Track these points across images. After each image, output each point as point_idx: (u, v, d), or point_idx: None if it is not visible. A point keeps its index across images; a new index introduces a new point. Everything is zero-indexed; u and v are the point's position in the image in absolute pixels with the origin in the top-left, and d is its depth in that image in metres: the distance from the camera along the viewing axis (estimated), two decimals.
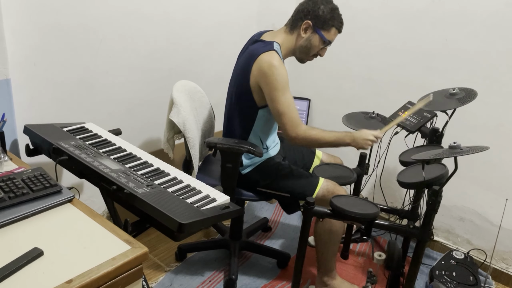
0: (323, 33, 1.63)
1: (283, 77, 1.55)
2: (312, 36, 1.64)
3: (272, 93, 1.56)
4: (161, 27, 1.97)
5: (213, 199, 1.18)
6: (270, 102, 1.59)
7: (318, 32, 1.63)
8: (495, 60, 1.90)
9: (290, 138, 1.61)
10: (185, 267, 1.98)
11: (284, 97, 1.56)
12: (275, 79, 1.54)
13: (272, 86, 1.55)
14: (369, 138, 1.63)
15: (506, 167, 1.97)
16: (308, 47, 1.66)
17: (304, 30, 1.64)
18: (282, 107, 1.57)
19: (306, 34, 1.64)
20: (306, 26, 1.63)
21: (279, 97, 1.56)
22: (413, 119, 1.81)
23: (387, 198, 2.33)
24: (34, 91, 1.60)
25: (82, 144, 1.39)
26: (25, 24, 1.50)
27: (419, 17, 2.07)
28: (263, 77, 1.56)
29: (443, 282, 1.82)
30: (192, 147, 1.70)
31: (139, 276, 0.97)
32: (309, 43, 1.65)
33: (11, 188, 1.08)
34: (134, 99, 1.97)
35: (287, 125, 1.59)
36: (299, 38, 1.65)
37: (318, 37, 1.64)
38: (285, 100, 1.56)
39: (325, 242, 1.72)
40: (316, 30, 1.63)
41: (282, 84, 1.55)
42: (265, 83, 1.56)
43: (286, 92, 1.57)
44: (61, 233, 1.00)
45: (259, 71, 1.56)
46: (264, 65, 1.55)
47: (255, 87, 1.60)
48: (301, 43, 1.65)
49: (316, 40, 1.64)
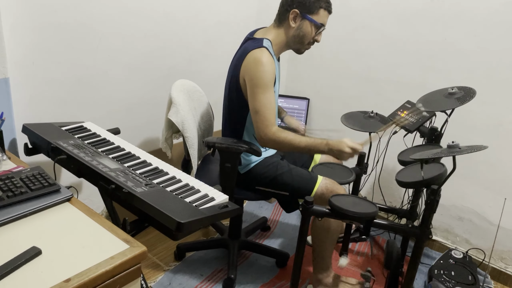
0: (312, 17, 1.61)
1: (267, 75, 1.53)
2: (303, 24, 1.62)
3: (253, 89, 1.55)
4: (160, 26, 1.97)
5: (211, 198, 1.18)
6: (249, 98, 1.57)
7: (307, 18, 1.61)
8: (494, 59, 1.90)
9: (259, 137, 1.59)
10: (184, 267, 1.98)
11: (264, 95, 1.54)
12: (259, 76, 1.53)
13: (254, 83, 1.54)
14: (345, 150, 1.55)
15: (504, 166, 1.97)
16: (301, 36, 1.64)
17: (293, 20, 1.62)
18: (258, 105, 1.55)
19: (296, 23, 1.62)
20: (294, 15, 1.61)
21: (258, 95, 1.54)
22: (411, 118, 1.81)
23: (386, 197, 2.33)
24: (33, 90, 1.60)
25: (81, 143, 1.38)
26: (23, 22, 1.50)
27: (418, 17, 2.07)
28: (247, 72, 1.55)
29: (442, 281, 1.82)
30: (191, 147, 1.70)
31: (138, 275, 0.97)
32: (300, 31, 1.63)
33: (9, 187, 1.08)
34: (133, 98, 1.97)
35: (258, 123, 1.57)
36: (289, 29, 1.64)
37: (309, 22, 1.62)
38: (264, 99, 1.54)
39: (322, 241, 1.72)
40: (305, 16, 1.61)
41: (265, 81, 1.53)
42: (249, 79, 1.55)
43: (267, 90, 1.54)
44: (59, 232, 1.00)
45: (245, 67, 1.56)
46: (251, 60, 1.54)
47: (244, 85, 1.59)
48: (292, 33, 1.64)
49: (307, 26, 1.63)
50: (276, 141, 1.57)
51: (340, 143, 1.56)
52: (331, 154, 1.59)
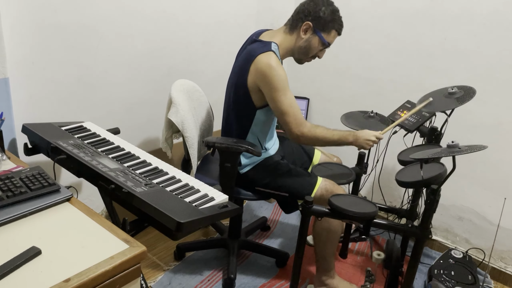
0: (323, 35, 1.63)
1: (282, 78, 1.55)
2: (312, 38, 1.63)
3: (273, 94, 1.56)
4: (160, 26, 1.97)
5: (211, 198, 1.18)
6: (271, 102, 1.58)
7: (318, 34, 1.62)
8: (494, 59, 1.90)
9: (295, 136, 1.61)
10: (184, 266, 1.98)
11: (285, 96, 1.56)
12: (275, 80, 1.54)
13: (272, 87, 1.55)
14: (371, 138, 1.64)
15: (504, 166, 1.97)
16: (307, 48, 1.65)
17: (304, 31, 1.63)
18: (284, 106, 1.56)
19: (306, 35, 1.63)
20: (306, 27, 1.62)
21: (280, 97, 1.55)
22: (412, 118, 1.81)
23: (386, 197, 2.33)
24: (33, 90, 1.60)
25: (81, 143, 1.38)
26: (23, 22, 1.50)
27: (418, 16, 2.07)
28: (262, 78, 1.55)
29: (441, 281, 1.82)
30: (191, 147, 1.70)
31: (137, 275, 0.97)
32: (308, 44, 1.64)
33: (9, 187, 1.08)
34: (132, 98, 1.97)
35: (291, 124, 1.59)
36: (298, 39, 1.64)
37: (318, 39, 1.63)
38: (287, 100, 1.56)
39: (323, 241, 1.72)
40: (316, 31, 1.62)
41: (282, 84, 1.55)
42: (264, 85, 1.56)
43: (287, 91, 1.56)
44: (59, 232, 1.00)
45: (257, 72, 1.56)
46: (263, 66, 1.54)
47: (254, 88, 1.59)
48: (300, 44, 1.65)
49: (315, 41, 1.64)
50: (313, 138, 1.61)
51: (365, 132, 1.66)
52: (355, 143, 1.66)
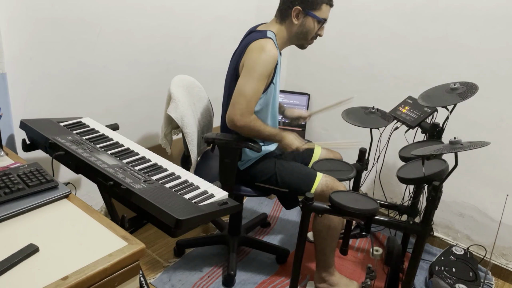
0: (315, 13, 1.61)
1: (267, 65, 1.53)
2: (306, 20, 1.62)
3: (249, 72, 1.53)
4: (159, 21, 1.95)
5: (211, 195, 1.17)
6: (241, 78, 1.55)
7: (310, 14, 1.61)
8: (496, 55, 1.89)
9: (234, 119, 1.55)
10: (184, 263, 1.98)
11: (257, 83, 1.53)
12: (259, 63, 1.52)
13: (252, 67, 1.53)
14: (292, 146, 1.65)
15: (506, 162, 1.96)
16: (305, 32, 1.64)
17: (295, 17, 1.61)
18: (248, 89, 1.53)
19: (299, 20, 1.62)
20: (296, 12, 1.61)
21: (251, 79, 1.52)
22: (413, 114, 1.79)
23: (387, 193, 2.32)
24: (30, 85, 1.58)
25: (79, 139, 1.37)
26: (21, 17, 1.48)
27: (420, 11, 2.06)
28: (248, 57, 1.54)
29: (442, 278, 1.81)
30: (190, 143, 1.69)
31: (136, 273, 0.96)
32: (304, 27, 1.63)
33: (6, 183, 1.07)
34: (131, 94, 1.96)
35: (239, 105, 1.53)
36: (292, 25, 1.63)
37: (312, 18, 1.61)
38: (256, 86, 1.53)
39: (324, 238, 1.71)
40: (308, 12, 1.60)
41: (263, 70, 1.53)
42: (247, 63, 1.54)
43: (261, 80, 1.54)
44: (57, 229, 0.99)
45: (247, 54, 1.54)
46: (255, 47, 1.53)
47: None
48: (296, 30, 1.64)
49: (310, 22, 1.62)
50: (250, 127, 1.57)
51: (291, 138, 1.66)
52: (280, 144, 1.68)
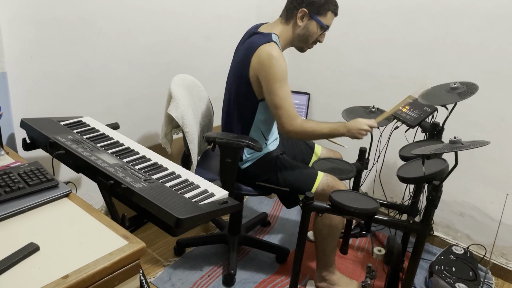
0: (320, 18, 1.62)
1: (282, 69, 1.54)
2: (309, 23, 1.62)
3: (270, 85, 1.55)
4: (159, 20, 1.95)
5: (211, 194, 1.17)
6: (267, 94, 1.57)
7: (314, 19, 1.61)
8: (496, 54, 1.88)
9: (286, 131, 1.60)
10: (184, 262, 1.98)
11: (282, 90, 1.55)
12: (274, 71, 1.53)
13: (270, 78, 1.54)
14: (363, 128, 1.62)
15: (506, 162, 1.96)
16: (307, 35, 1.65)
17: (300, 19, 1.62)
18: (279, 99, 1.55)
19: (303, 22, 1.63)
20: (302, 14, 1.61)
21: (277, 90, 1.54)
22: (413, 113, 1.79)
23: (387, 193, 2.32)
24: (31, 84, 1.59)
25: (79, 138, 1.37)
26: (21, 17, 1.48)
27: (420, 11, 2.05)
28: (262, 68, 1.54)
29: (442, 277, 1.81)
30: (191, 142, 1.69)
31: (137, 272, 0.96)
32: (307, 30, 1.64)
33: (7, 182, 1.07)
34: (132, 93, 1.96)
35: (283, 118, 1.58)
36: (296, 27, 1.64)
37: (316, 23, 1.62)
38: (283, 93, 1.55)
39: (324, 237, 1.71)
40: (313, 16, 1.61)
41: (281, 76, 1.54)
42: (264, 75, 1.55)
43: (284, 84, 1.55)
44: (57, 228, 0.99)
45: (258, 63, 1.55)
46: (264, 56, 1.53)
47: (255, 80, 1.58)
48: (298, 32, 1.64)
49: (313, 27, 1.63)
50: (303, 132, 1.60)
51: (357, 122, 1.62)
52: (347, 134, 1.62)
